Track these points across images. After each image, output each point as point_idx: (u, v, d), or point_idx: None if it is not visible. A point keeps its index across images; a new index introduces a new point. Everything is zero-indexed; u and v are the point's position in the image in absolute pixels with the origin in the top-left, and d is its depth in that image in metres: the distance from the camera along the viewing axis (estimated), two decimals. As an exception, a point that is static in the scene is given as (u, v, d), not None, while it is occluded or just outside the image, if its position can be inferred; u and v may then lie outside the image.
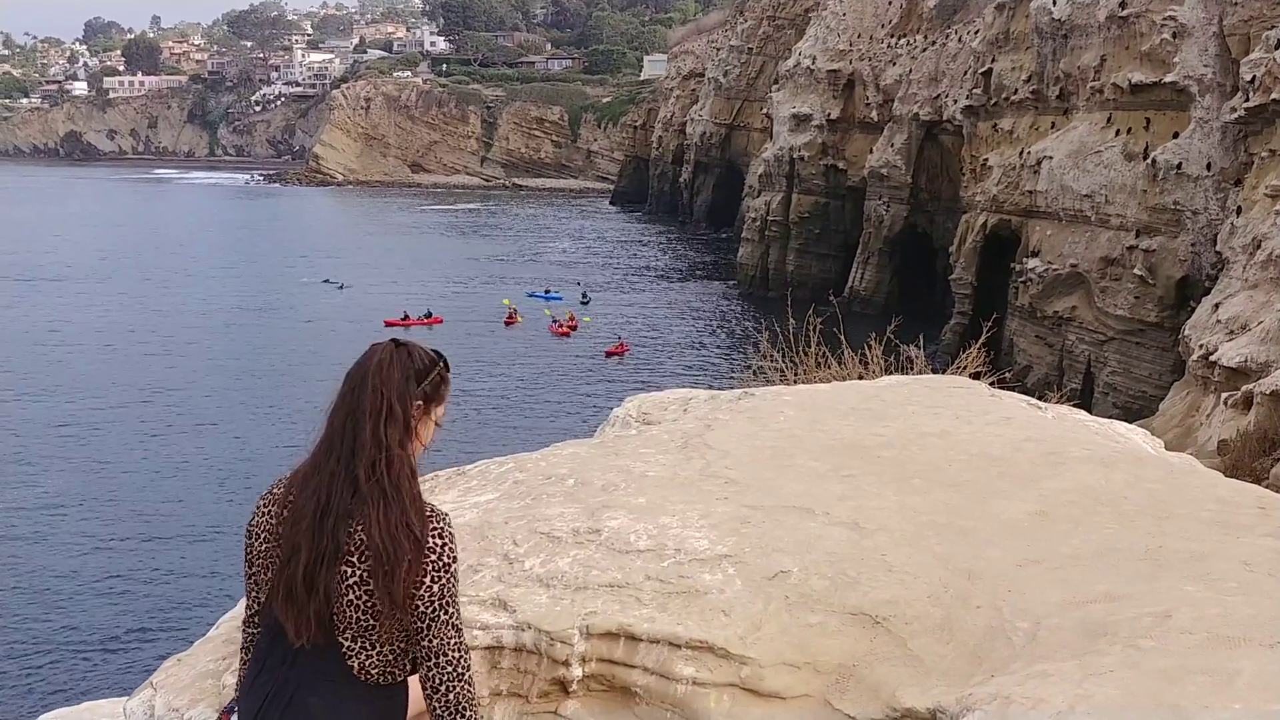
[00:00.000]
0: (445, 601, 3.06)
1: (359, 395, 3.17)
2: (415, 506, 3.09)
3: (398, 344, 3.30)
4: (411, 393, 3.21)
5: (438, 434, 3.40)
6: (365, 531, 3.05)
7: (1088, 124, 46.65)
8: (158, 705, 5.10)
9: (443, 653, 3.05)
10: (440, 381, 3.32)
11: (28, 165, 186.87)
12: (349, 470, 3.09)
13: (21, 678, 24.13)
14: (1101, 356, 43.37)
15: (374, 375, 3.19)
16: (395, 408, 3.16)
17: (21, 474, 37.24)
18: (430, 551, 3.05)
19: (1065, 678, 3.26)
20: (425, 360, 3.28)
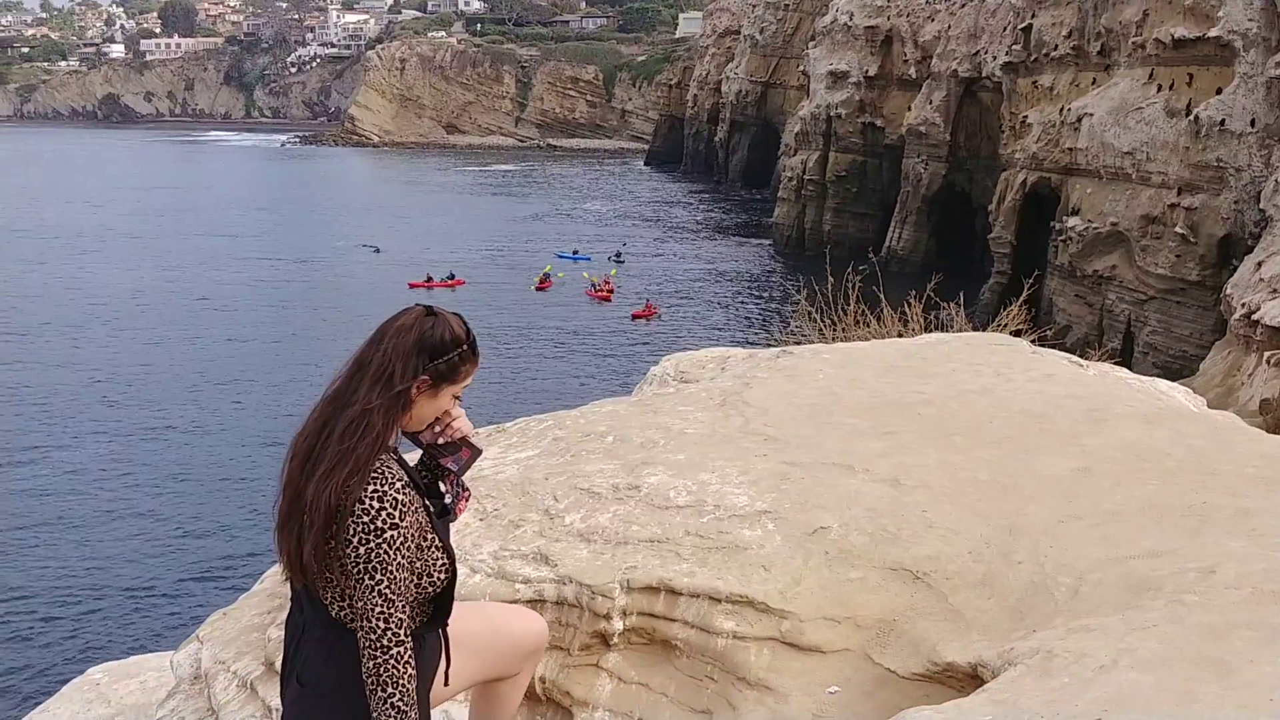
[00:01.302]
0: (372, 567, 2.92)
1: (371, 351, 3.12)
2: (359, 475, 2.96)
3: (429, 312, 3.18)
4: (420, 366, 3.08)
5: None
6: (310, 485, 3.03)
7: (1129, 80, 46.00)
8: (204, 658, 5.18)
9: (365, 618, 2.94)
10: (459, 362, 3.15)
11: (66, 128, 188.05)
12: (335, 421, 3.06)
13: (70, 631, 24.55)
14: (1142, 316, 42.96)
15: (391, 336, 3.12)
16: (395, 375, 3.06)
17: (68, 430, 37.74)
18: (363, 514, 2.93)
19: (1108, 632, 3.25)
20: (446, 337, 3.13)
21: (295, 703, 3.19)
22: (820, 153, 72.95)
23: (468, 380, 3.21)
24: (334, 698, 3.09)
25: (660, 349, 35.05)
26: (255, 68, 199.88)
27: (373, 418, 3.01)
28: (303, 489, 3.04)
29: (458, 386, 3.19)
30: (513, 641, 3.53)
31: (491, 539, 4.62)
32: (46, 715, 7.28)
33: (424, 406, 3.15)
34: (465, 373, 3.19)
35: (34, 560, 28.06)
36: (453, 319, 3.18)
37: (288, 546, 3.11)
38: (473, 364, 3.20)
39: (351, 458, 2.97)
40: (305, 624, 3.17)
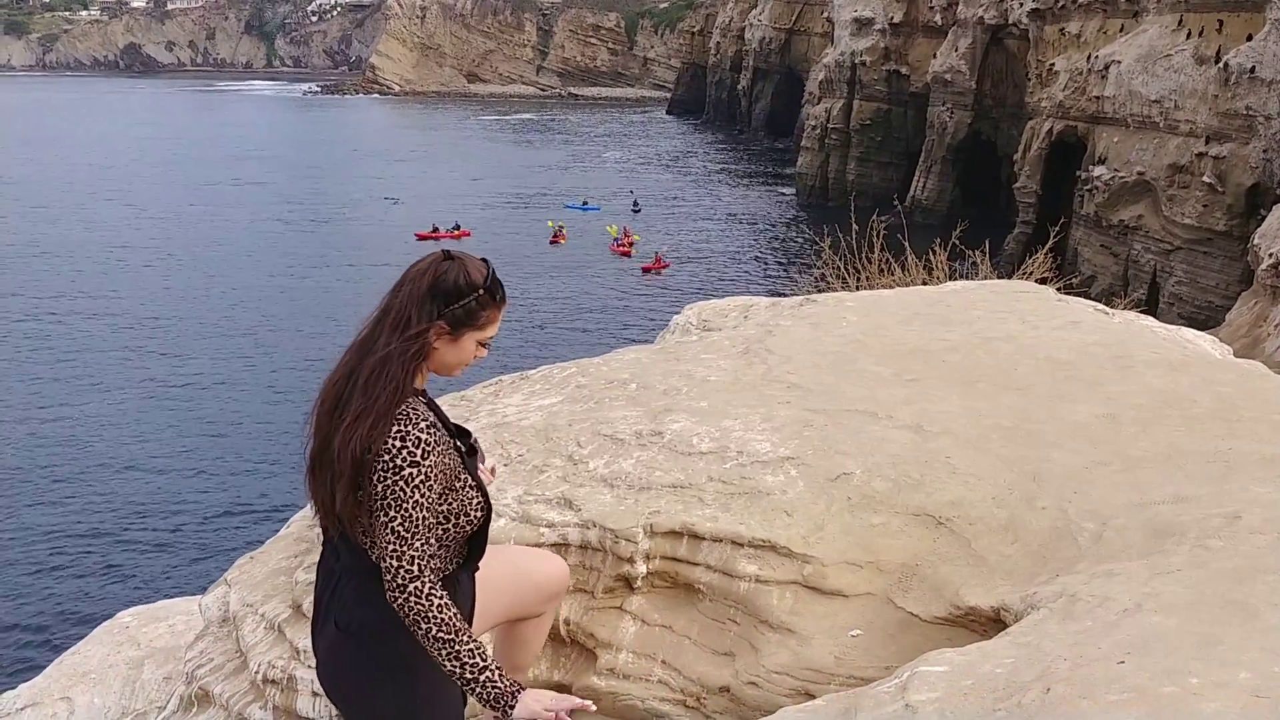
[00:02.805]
0: (387, 504, 2.92)
1: (392, 298, 3.10)
2: (382, 423, 2.95)
3: (447, 256, 3.13)
4: (435, 311, 3.04)
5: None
6: (338, 435, 3.02)
7: (1158, 27, 45.38)
8: (232, 601, 5.24)
9: (383, 558, 2.93)
10: (477, 308, 3.08)
11: (88, 78, 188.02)
12: (359, 369, 3.06)
13: (100, 576, 24.88)
14: (1167, 266, 42.64)
15: (409, 282, 3.08)
16: (410, 320, 3.03)
17: (92, 380, 38.01)
18: (384, 453, 2.93)
19: (1132, 577, 3.26)
20: (461, 281, 3.06)
21: (331, 648, 3.20)
22: (844, 101, 72.34)
23: (491, 327, 3.14)
24: (372, 641, 3.11)
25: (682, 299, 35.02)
26: (276, 16, 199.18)
27: (391, 365, 2.99)
28: (330, 437, 3.05)
29: (482, 333, 3.13)
30: (535, 584, 3.54)
31: (516, 484, 4.65)
32: (78, 657, 7.39)
33: (446, 353, 3.11)
34: (486, 319, 3.12)
35: (64, 506, 28.39)
36: (472, 263, 3.12)
37: (319, 494, 3.13)
38: (494, 309, 3.13)
39: (374, 409, 2.96)
40: (340, 570, 3.17)
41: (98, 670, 7.11)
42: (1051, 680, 2.67)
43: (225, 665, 5.10)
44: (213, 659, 5.21)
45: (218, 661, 5.17)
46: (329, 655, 3.23)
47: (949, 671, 2.89)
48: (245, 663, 4.88)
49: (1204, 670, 2.62)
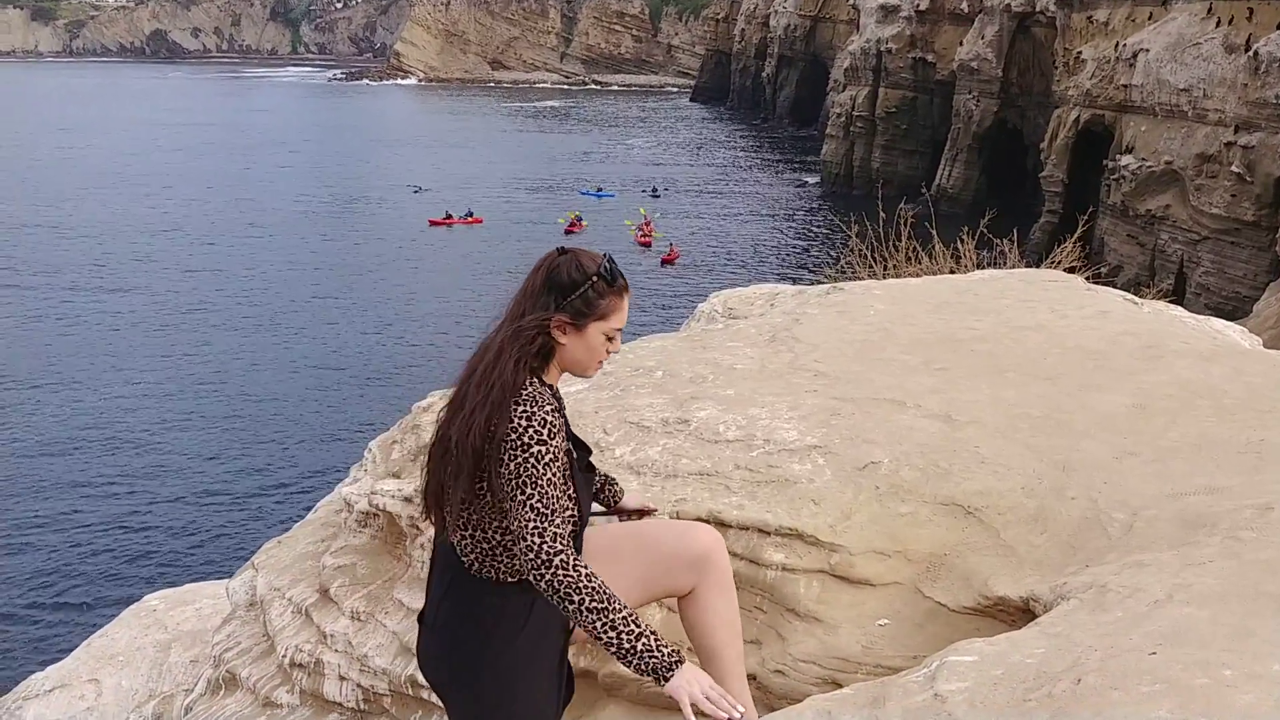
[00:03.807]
0: (522, 481, 2.88)
1: (514, 300, 3.10)
2: (499, 414, 2.93)
3: (561, 252, 3.11)
4: (551, 304, 3.03)
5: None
6: (454, 429, 3.02)
7: (1187, 14, 45.00)
8: (259, 585, 5.27)
9: (520, 537, 2.88)
10: (595, 297, 3.05)
11: (114, 64, 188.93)
12: (478, 366, 3.06)
13: (128, 559, 25.07)
14: (1195, 256, 42.35)
15: (528, 280, 3.10)
16: (524, 314, 3.04)
17: (119, 363, 38.24)
18: (511, 433, 2.91)
19: (1163, 568, 3.23)
20: (575, 273, 3.05)
21: (420, 640, 3.25)
22: (870, 88, 72.04)
23: (615, 317, 3.09)
24: (444, 635, 3.12)
25: (705, 287, 35.01)
26: (301, 3, 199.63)
27: (504, 359, 2.99)
28: (449, 433, 3.05)
29: (606, 323, 3.08)
30: (664, 555, 3.37)
31: (542, 470, 4.64)
32: (106, 640, 7.44)
33: (575, 348, 3.09)
34: (608, 306, 3.07)
35: (93, 490, 28.61)
36: (584, 254, 3.10)
37: (430, 486, 3.13)
38: (614, 296, 3.09)
39: (489, 400, 2.96)
40: (442, 579, 3.17)
41: (125, 653, 7.17)
42: (1082, 671, 2.65)
43: (253, 649, 5.14)
44: (240, 642, 5.25)
45: (245, 645, 5.20)
46: (419, 648, 3.26)
47: (978, 661, 2.88)
48: (273, 646, 4.91)
49: (1237, 662, 2.60)
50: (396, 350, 40.42)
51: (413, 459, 5.22)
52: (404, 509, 4.81)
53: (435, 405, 5.61)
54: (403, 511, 4.82)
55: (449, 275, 50.77)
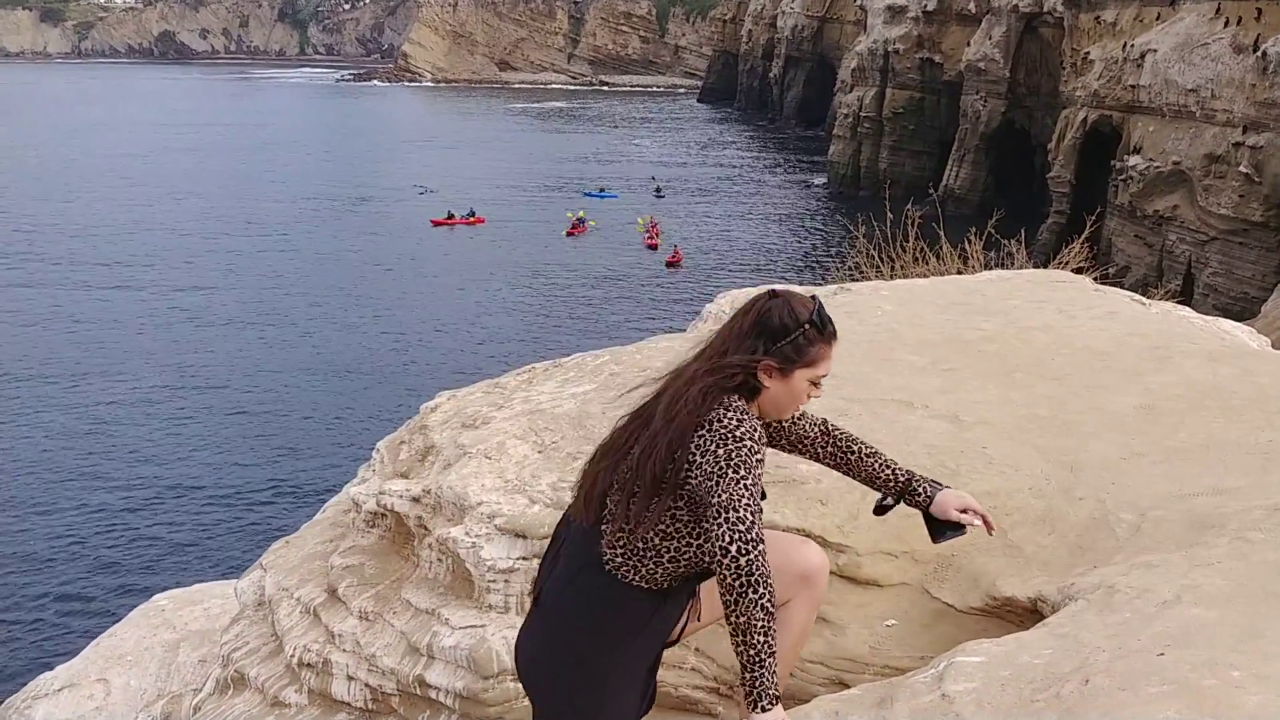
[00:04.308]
0: (735, 464, 2.83)
1: (717, 335, 3.07)
2: (681, 442, 2.89)
3: (772, 295, 3.07)
4: (759, 348, 2.98)
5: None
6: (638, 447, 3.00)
7: (1195, 15, 44.92)
8: (267, 585, 5.28)
9: (731, 509, 2.80)
10: (804, 344, 3.00)
11: (123, 65, 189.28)
12: (667, 391, 3.04)
13: (137, 559, 25.12)
14: (1203, 257, 42.26)
15: (736, 319, 3.05)
16: (726, 353, 2.98)
17: (126, 363, 38.30)
18: (718, 423, 2.88)
19: (1172, 568, 3.23)
20: (787, 319, 3.00)
21: (529, 626, 3.22)
22: (877, 89, 72.00)
23: (822, 365, 3.05)
24: (557, 619, 3.10)
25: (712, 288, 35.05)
26: (309, 4, 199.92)
27: (693, 388, 2.95)
28: (629, 445, 3.04)
29: (812, 370, 3.04)
30: (776, 565, 3.24)
31: (550, 470, 4.65)
32: (114, 640, 7.46)
33: (778, 393, 3.05)
34: (816, 355, 3.03)
35: (102, 490, 28.66)
36: (798, 300, 3.06)
37: (588, 482, 3.11)
38: (823, 345, 3.04)
39: (672, 428, 2.93)
40: (569, 560, 3.15)
41: (134, 652, 7.18)
42: (1090, 672, 2.65)
43: (261, 649, 5.14)
44: (248, 642, 5.25)
45: (253, 645, 5.21)
46: (533, 625, 3.22)
47: (986, 662, 2.88)
48: (281, 646, 4.92)
49: (1245, 663, 2.60)
50: (403, 350, 40.45)
51: (420, 459, 5.23)
52: (412, 509, 4.82)
53: (442, 405, 5.62)
54: (410, 512, 4.82)
55: (454, 275, 50.83)
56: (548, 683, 3.15)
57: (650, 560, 3.03)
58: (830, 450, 3.39)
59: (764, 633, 2.82)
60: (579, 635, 3.08)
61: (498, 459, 4.77)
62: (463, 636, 4.30)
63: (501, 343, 40.44)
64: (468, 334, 42.30)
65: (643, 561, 3.04)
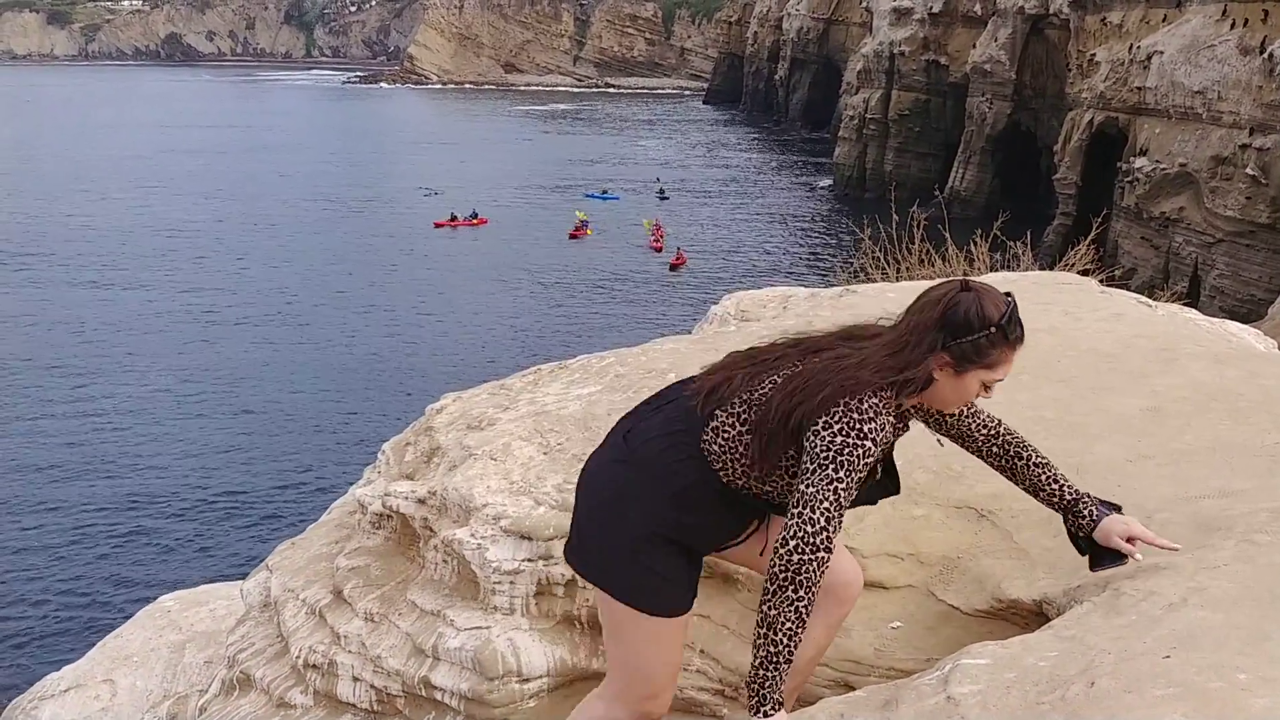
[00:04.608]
0: (839, 461, 2.79)
1: (902, 317, 2.97)
2: (823, 408, 2.83)
3: (964, 288, 2.94)
4: (936, 341, 2.88)
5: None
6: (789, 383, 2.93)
7: (1202, 16, 44.88)
8: (273, 586, 5.28)
9: (808, 505, 2.78)
10: (986, 346, 2.87)
11: (130, 67, 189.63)
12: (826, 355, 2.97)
13: (142, 560, 25.17)
14: (1209, 259, 42.21)
15: (925, 308, 2.94)
16: (907, 347, 2.88)
17: (133, 363, 38.38)
18: (855, 409, 2.82)
19: (1177, 571, 3.22)
20: (974, 314, 2.87)
21: (607, 446, 3.21)
22: (883, 91, 72.01)
23: (1001, 369, 2.94)
24: (640, 462, 3.07)
25: (717, 290, 35.05)
26: (315, 7, 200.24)
27: (863, 371, 2.87)
28: (777, 367, 3.00)
29: (990, 373, 2.94)
30: None
31: (555, 472, 4.65)
32: (120, 640, 7.47)
33: (946, 387, 2.97)
34: (997, 358, 2.91)
35: (107, 490, 28.73)
36: (990, 297, 2.92)
37: (716, 377, 3.07)
38: (1006, 349, 2.92)
39: (825, 392, 2.86)
40: (669, 415, 3.11)
41: (139, 653, 7.19)
42: (1096, 674, 2.65)
43: (266, 650, 5.15)
44: (254, 643, 5.26)
45: (259, 646, 5.22)
46: (602, 453, 3.21)
47: (991, 664, 2.87)
48: (286, 647, 4.92)
49: (1252, 665, 2.59)
50: (408, 351, 40.50)
51: (425, 461, 5.23)
52: (417, 511, 4.82)
53: (448, 407, 5.62)
54: (416, 513, 4.83)
55: (458, 276, 50.90)
56: (596, 504, 3.15)
57: (742, 465, 3.01)
58: (996, 453, 3.33)
59: (789, 636, 2.81)
60: (645, 482, 3.05)
61: (503, 461, 4.77)
62: (468, 638, 4.30)
63: (506, 344, 40.49)
64: (472, 336, 42.33)
65: (736, 464, 3.01)
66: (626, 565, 3.07)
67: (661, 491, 3.04)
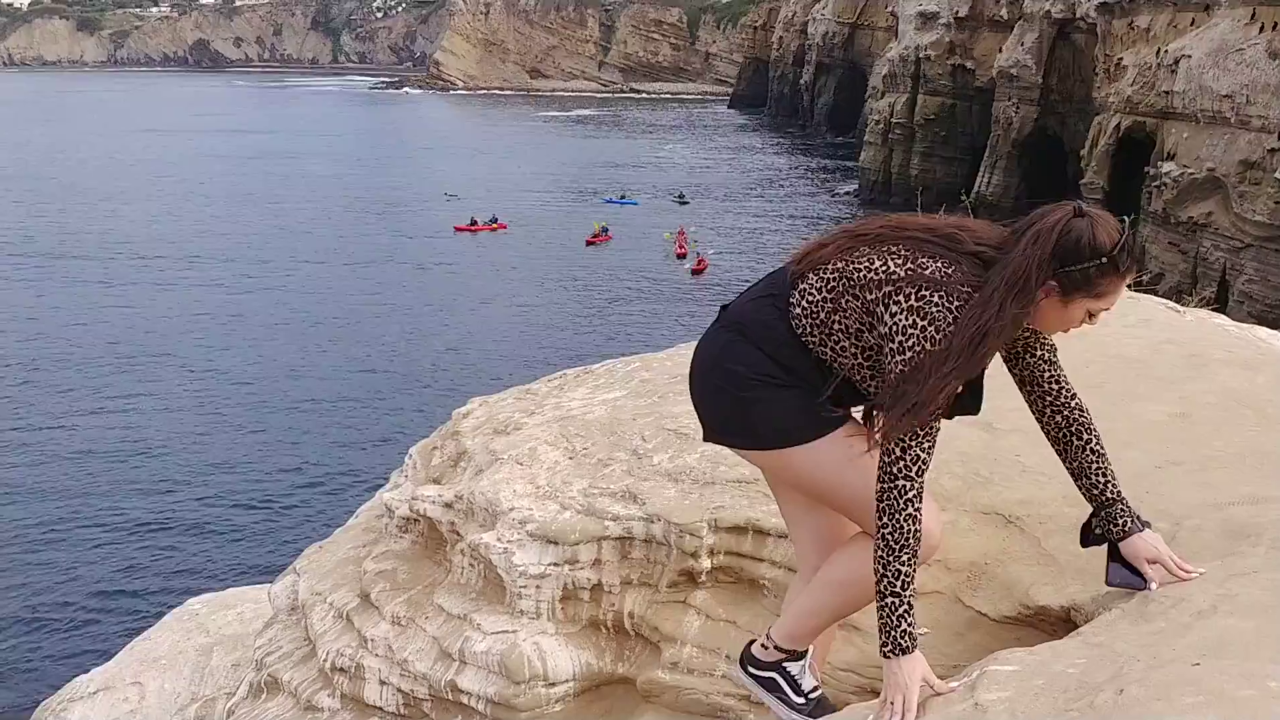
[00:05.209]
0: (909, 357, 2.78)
1: (1023, 242, 2.86)
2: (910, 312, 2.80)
3: (1078, 213, 2.85)
4: (1046, 269, 2.81)
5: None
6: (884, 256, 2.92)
7: (1230, 20, 44.56)
8: (301, 589, 5.31)
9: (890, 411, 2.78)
10: (1096, 275, 2.82)
11: (158, 74, 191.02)
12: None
13: (171, 563, 25.30)
14: (1238, 264, 41.89)
15: (1040, 234, 2.84)
16: (1028, 275, 2.80)
17: (162, 368, 38.60)
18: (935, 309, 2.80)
19: (1207, 578, 3.20)
20: (1083, 242, 2.81)
21: (704, 340, 3.23)
22: (908, 95, 71.78)
23: (1108, 299, 2.90)
24: (733, 329, 3.11)
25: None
26: (342, 13, 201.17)
27: (994, 311, 2.79)
28: (877, 245, 2.99)
29: (1096, 302, 2.90)
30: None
31: (581, 477, 4.67)
32: (149, 643, 7.53)
33: (1049, 313, 2.95)
34: (1106, 288, 2.87)
35: (136, 494, 28.89)
36: (1103, 225, 2.85)
37: (816, 248, 3.11)
38: (1116, 279, 2.87)
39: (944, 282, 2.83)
40: (764, 282, 3.19)
41: (168, 656, 7.25)
42: (1125, 681, 2.64)
43: (294, 653, 5.18)
44: (281, 646, 5.29)
45: (286, 649, 5.25)
46: (699, 352, 3.21)
47: (1019, 671, 2.87)
48: (314, 650, 4.95)
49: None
50: (434, 355, 40.61)
51: (452, 465, 5.26)
52: (444, 515, 4.84)
53: (474, 411, 5.65)
54: (443, 517, 4.85)
55: (481, 281, 51.02)
56: (704, 374, 3.16)
57: (818, 333, 3.00)
58: (1058, 421, 3.28)
59: (881, 564, 2.84)
60: (743, 339, 3.06)
61: (529, 465, 4.79)
62: (494, 642, 4.32)
63: (530, 349, 40.54)
64: (497, 340, 42.41)
65: (812, 327, 3.01)
66: (761, 413, 3.04)
67: (760, 346, 3.03)
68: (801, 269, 3.07)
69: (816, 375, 3.03)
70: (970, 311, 2.81)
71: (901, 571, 2.83)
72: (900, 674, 2.84)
